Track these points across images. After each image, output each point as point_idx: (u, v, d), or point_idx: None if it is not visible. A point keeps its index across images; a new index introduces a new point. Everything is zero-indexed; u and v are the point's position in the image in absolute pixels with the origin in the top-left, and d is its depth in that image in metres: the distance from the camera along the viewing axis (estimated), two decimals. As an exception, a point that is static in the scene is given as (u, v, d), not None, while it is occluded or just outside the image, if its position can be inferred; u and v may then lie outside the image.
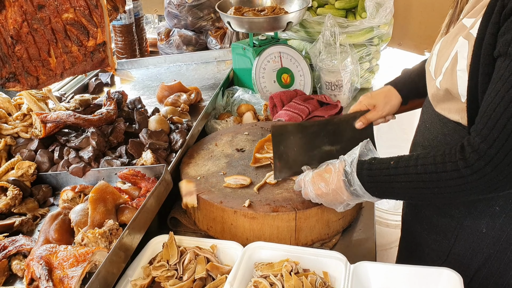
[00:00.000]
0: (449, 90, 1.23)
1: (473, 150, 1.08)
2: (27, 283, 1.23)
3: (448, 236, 1.39)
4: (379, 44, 2.50)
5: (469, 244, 1.35)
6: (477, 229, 1.32)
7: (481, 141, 1.07)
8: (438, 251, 1.42)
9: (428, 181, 1.15)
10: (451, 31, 1.27)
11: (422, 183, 1.16)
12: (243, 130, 1.95)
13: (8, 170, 1.66)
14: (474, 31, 1.14)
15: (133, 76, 2.72)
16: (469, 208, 1.32)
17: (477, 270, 1.36)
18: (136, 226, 1.34)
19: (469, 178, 1.09)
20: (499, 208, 1.27)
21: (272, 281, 1.21)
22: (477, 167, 1.07)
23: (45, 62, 1.39)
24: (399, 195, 1.27)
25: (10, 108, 1.90)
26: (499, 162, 1.05)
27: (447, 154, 1.13)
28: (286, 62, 2.31)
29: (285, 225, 1.46)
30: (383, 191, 1.25)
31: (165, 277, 1.29)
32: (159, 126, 1.83)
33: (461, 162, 1.10)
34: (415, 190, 1.19)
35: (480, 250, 1.33)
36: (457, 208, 1.35)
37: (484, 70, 1.11)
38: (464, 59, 1.17)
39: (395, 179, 1.20)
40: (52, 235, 1.38)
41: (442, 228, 1.40)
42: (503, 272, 1.33)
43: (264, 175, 1.61)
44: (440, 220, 1.40)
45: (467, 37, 1.17)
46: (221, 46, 2.87)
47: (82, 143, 1.72)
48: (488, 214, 1.29)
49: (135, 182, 1.56)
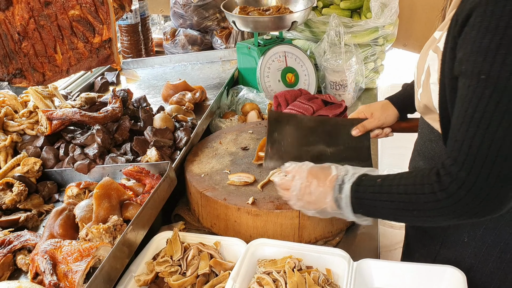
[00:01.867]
0: (426, 105, 1.21)
1: (446, 172, 1.04)
2: (32, 277, 1.24)
3: (434, 242, 1.37)
4: (384, 44, 2.50)
5: (453, 253, 1.33)
6: (460, 238, 1.30)
7: (452, 163, 1.03)
8: (426, 256, 1.40)
9: (407, 202, 1.10)
10: (425, 44, 1.24)
11: (403, 204, 1.11)
12: (247, 128, 1.95)
13: (14, 166, 1.68)
14: (441, 44, 1.10)
15: (139, 75, 2.73)
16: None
17: None
18: (140, 222, 1.35)
19: (445, 202, 1.04)
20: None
21: (275, 278, 1.21)
22: (451, 191, 1.03)
23: (51, 58, 1.40)
24: (383, 214, 1.21)
25: (16, 105, 1.91)
26: (471, 185, 1.00)
27: (426, 175, 1.08)
28: (291, 61, 2.31)
29: (288, 222, 1.46)
30: (367, 209, 1.19)
31: (168, 273, 1.30)
32: (164, 124, 1.84)
33: (436, 185, 1.05)
34: (396, 210, 1.14)
35: (463, 260, 1.31)
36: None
37: (449, 84, 1.07)
38: (435, 72, 1.13)
39: (379, 198, 1.14)
40: (56, 230, 1.39)
41: (430, 234, 1.38)
42: (486, 283, 1.30)
43: (268, 173, 1.61)
44: (428, 226, 1.39)
45: (435, 51, 1.14)
46: (226, 46, 2.88)
47: (87, 140, 1.73)
48: (469, 224, 1.27)
49: (139, 179, 1.57)
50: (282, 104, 2.15)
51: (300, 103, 2.10)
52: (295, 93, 2.20)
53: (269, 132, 1.53)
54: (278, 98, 2.16)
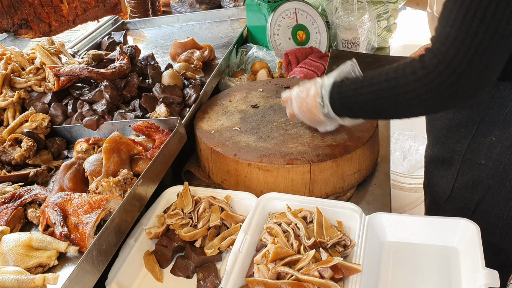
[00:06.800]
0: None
1: (429, 51, 1.03)
2: (43, 229, 1.24)
3: (452, 171, 1.39)
4: (397, 2, 2.42)
5: (470, 177, 1.35)
6: (477, 161, 1.32)
7: (436, 40, 1.02)
8: (443, 187, 1.43)
9: (386, 89, 1.11)
10: None
11: (381, 92, 1.12)
12: (257, 86, 1.92)
13: (22, 122, 1.66)
14: None
15: (146, 35, 2.69)
16: (469, 140, 1.32)
17: (478, 203, 1.37)
18: (150, 176, 1.34)
19: (424, 79, 1.03)
20: (495, 138, 1.27)
21: (285, 229, 1.20)
22: (431, 66, 1.01)
23: (57, 8, 1.37)
24: (363, 110, 1.22)
25: (23, 62, 1.88)
26: (451, 58, 0.98)
27: (409, 62, 1.08)
28: (302, 18, 2.25)
29: (299, 177, 1.44)
30: (350, 107, 1.22)
31: (179, 225, 1.29)
32: (172, 81, 1.81)
33: (418, 63, 1.05)
34: (375, 101, 1.15)
35: (480, 182, 1.34)
36: (459, 142, 1.34)
37: None
38: None
39: (360, 92, 1.17)
40: (66, 184, 1.38)
41: (448, 163, 1.40)
42: (503, 203, 1.34)
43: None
44: (446, 156, 1.41)
45: None
46: (235, 4, 2.83)
47: (95, 96, 1.71)
48: (485, 145, 1.29)
49: (149, 134, 1.55)
50: (293, 62, 2.11)
51: (311, 61, 2.06)
52: (306, 51, 2.15)
53: (328, 67, 1.50)
54: (288, 56, 2.12)
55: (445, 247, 1.21)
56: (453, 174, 1.39)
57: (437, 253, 1.21)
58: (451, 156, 1.39)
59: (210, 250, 1.24)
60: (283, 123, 1.63)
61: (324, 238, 1.16)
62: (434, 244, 1.22)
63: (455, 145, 1.37)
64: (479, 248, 1.11)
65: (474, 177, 1.34)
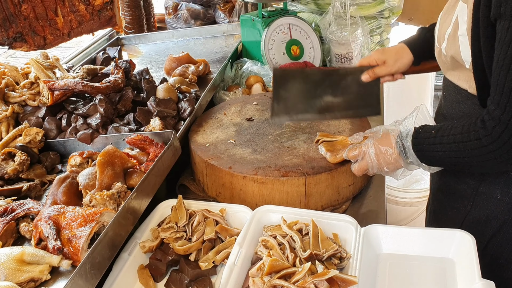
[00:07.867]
0: (453, 57, 1.22)
1: (490, 118, 1.08)
2: (35, 243, 1.22)
3: (464, 203, 1.37)
4: (390, 17, 2.46)
5: (484, 211, 1.33)
6: (492, 195, 1.31)
7: (495, 108, 1.07)
8: (454, 218, 1.40)
9: (457, 151, 1.16)
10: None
11: (454, 152, 1.17)
12: (252, 100, 1.92)
13: (15, 136, 1.65)
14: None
15: (141, 51, 2.69)
16: (484, 175, 1.30)
17: (492, 236, 1.34)
18: (144, 189, 1.33)
19: (490, 147, 1.09)
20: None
21: (281, 242, 1.19)
22: (496, 135, 1.07)
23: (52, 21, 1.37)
24: (443, 163, 1.25)
25: (17, 76, 1.88)
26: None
27: (472, 123, 1.13)
28: (296, 33, 2.27)
29: (294, 190, 1.44)
30: (429, 159, 1.25)
31: (174, 239, 1.28)
32: (167, 95, 1.81)
33: (482, 131, 1.10)
34: (451, 159, 1.19)
35: (495, 217, 1.32)
36: (472, 175, 1.33)
37: (484, 33, 1.09)
38: (464, 23, 1.15)
39: (434, 148, 1.20)
40: (60, 198, 1.36)
41: (459, 194, 1.38)
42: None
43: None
44: (457, 187, 1.39)
45: (465, 1, 1.15)
46: (229, 20, 2.84)
47: (89, 110, 1.70)
48: (502, 180, 1.28)
49: (143, 148, 1.54)
50: (287, 76, 2.12)
51: (305, 75, 2.07)
52: (300, 66, 2.16)
53: (274, 88, 1.51)
54: (282, 70, 2.13)
55: (441, 259, 1.21)
56: (466, 207, 1.37)
57: (433, 265, 1.20)
58: (463, 188, 1.37)
59: (204, 263, 1.23)
60: (278, 136, 1.63)
61: (320, 250, 1.16)
62: (430, 255, 1.22)
63: (467, 178, 1.35)
64: (475, 259, 1.10)
65: (488, 212, 1.33)
